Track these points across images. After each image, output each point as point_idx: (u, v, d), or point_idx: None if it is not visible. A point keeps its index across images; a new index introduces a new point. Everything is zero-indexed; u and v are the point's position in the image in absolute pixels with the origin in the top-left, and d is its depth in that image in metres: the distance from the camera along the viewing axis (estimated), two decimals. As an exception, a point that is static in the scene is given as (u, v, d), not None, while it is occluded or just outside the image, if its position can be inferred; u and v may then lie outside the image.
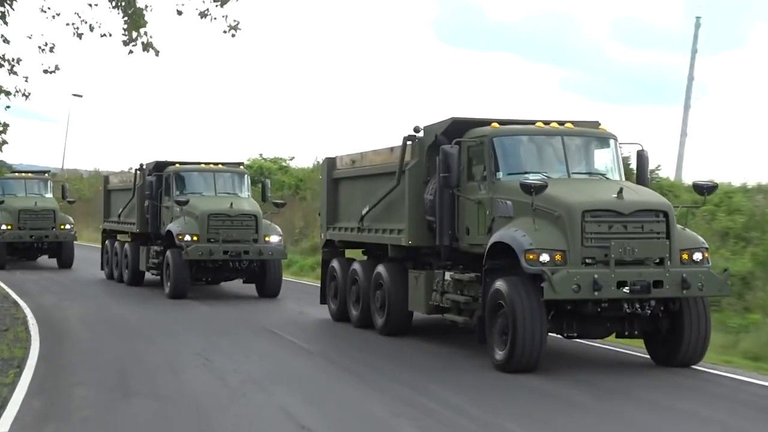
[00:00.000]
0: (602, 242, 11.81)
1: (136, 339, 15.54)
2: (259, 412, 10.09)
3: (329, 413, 10.10)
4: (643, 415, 9.90)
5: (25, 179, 33.61)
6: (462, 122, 14.06)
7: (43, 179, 34.19)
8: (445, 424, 9.46)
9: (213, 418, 9.70)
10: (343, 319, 17.26)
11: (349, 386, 11.66)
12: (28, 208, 31.26)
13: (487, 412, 10.01)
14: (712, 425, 9.59)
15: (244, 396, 10.84)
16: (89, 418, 9.78)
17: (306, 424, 9.39)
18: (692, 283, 11.83)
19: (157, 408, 10.28)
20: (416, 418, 9.75)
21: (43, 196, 32.85)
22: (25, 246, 31.63)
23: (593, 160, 13.64)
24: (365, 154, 17.04)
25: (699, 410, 10.19)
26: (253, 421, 9.65)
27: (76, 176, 60.58)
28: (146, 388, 11.35)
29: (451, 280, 13.87)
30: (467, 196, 13.43)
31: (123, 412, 10.03)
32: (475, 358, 13.16)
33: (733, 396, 11.08)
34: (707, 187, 12.94)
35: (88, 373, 12.43)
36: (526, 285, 11.92)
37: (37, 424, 9.44)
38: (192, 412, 10.04)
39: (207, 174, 23.83)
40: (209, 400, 10.54)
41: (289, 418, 9.70)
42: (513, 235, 12.12)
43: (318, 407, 10.37)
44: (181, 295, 21.88)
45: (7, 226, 30.85)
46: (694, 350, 12.43)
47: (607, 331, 12.75)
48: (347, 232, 17.30)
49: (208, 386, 11.40)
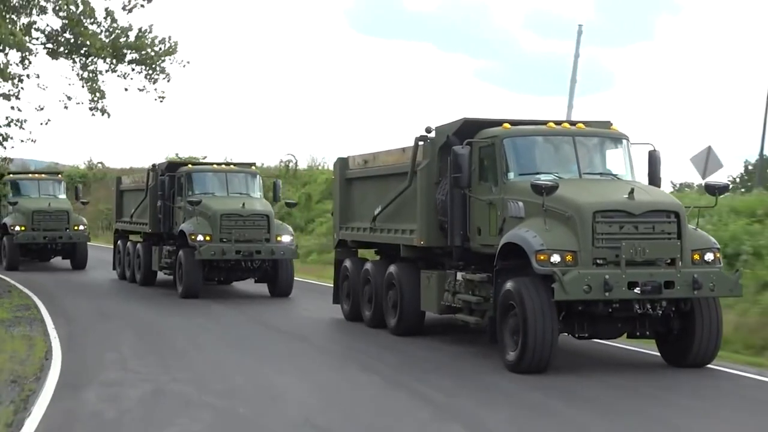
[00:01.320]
0: (613, 243, 11.82)
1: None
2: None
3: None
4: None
5: (39, 180, 33.65)
6: (473, 123, 14.11)
7: (56, 180, 34.25)
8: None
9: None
10: (356, 319, 17.33)
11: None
12: (42, 209, 31.25)
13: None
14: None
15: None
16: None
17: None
18: (703, 283, 11.83)
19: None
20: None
21: (57, 197, 32.87)
22: (38, 247, 31.62)
23: (605, 160, 13.65)
24: (377, 154, 17.10)
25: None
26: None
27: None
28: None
29: (463, 281, 13.91)
30: (478, 197, 13.46)
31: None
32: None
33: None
34: (719, 187, 12.94)
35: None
36: (537, 285, 11.95)
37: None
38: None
39: (219, 174, 23.95)
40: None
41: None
42: (524, 235, 12.15)
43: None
44: (193, 294, 21.99)
45: (21, 228, 30.82)
46: (706, 350, 12.43)
47: (619, 332, 12.76)
48: (360, 232, 17.37)
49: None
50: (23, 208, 31.31)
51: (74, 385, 11.44)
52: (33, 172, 36.68)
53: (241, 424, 9.64)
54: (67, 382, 11.58)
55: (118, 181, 30.23)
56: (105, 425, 9.56)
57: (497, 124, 13.73)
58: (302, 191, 38.94)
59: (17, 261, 31.13)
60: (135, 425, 9.56)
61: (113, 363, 13.18)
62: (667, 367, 12.62)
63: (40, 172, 36.47)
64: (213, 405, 10.39)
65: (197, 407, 10.28)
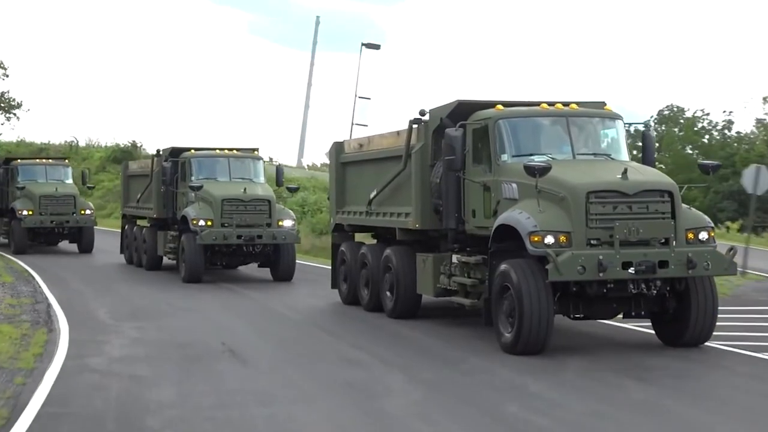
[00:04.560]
0: (607, 223, 11.79)
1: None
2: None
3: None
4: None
5: (46, 165, 34.08)
6: (467, 105, 14.06)
7: (63, 165, 34.63)
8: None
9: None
10: (353, 303, 17.34)
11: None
12: (49, 194, 31.66)
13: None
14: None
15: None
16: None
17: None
18: (698, 262, 11.79)
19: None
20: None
21: (64, 181, 33.22)
22: (45, 231, 32.07)
23: (598, 140, 13.58)
24: (372, 137, 17.08)
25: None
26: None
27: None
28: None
29: (458, 263, 13.91)
30: (473, 179, 13.43)
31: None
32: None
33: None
34: (712, 166, 12.88)
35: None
36: (532, 267, 11.94)
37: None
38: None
39: (221, 159, 23.96)
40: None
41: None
42: (518, 217, 12.13)
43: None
44: (195, 279, 22.08)
45: (29, 212, 31.29)
46: (702, 329, 12.42)
47: (614, 312, 12.76)
48: (356, 216, 17.35)
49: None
50: (30, 193, 31.75)
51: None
52: (40, 158, 37.21)
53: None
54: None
55: (125, 167, 30.40)
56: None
57: (491, 105, 13.69)
58: (82, 165, 48.06)
59: (25, 244, 31.62)
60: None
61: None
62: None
63: (47, 158, 36.94)
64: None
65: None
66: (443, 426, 8.86)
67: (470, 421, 9.00)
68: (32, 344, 13.30)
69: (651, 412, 9.26)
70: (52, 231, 32.12)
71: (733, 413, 9.32)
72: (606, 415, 9.12)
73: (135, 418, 9.24)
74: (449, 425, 8.86)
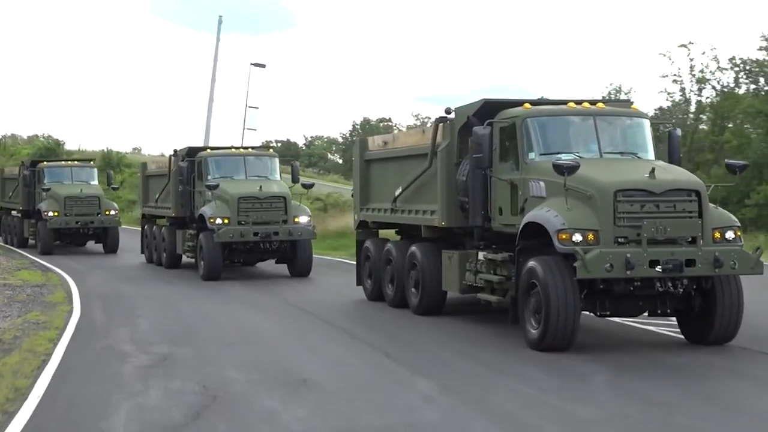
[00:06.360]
0: (634, 221, 11.87)
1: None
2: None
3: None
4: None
5: (72, 167, 34.55)
6: (493, 104, 14.18)
7: (88, 167, 35.06)
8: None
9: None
10: (378, 299, 17.49)
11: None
12: (74, 195, 32.03)
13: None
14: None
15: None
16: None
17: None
18: (724, 261, 11.86)
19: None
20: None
21: (89, 183, 33.62)
22: (71, 232, 32.43)
23: (625, 139, 13.67)
24: (397, 135, 17.23)
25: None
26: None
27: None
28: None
29: (485, 260, 14.01)
30: (500, 177, 13.54)
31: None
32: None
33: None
34: (739, 166, 13.00)
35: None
36: (559, 264, 12.04)
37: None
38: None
39: (237, 158, 24.24)
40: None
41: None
42: (545, 215, 12.23)
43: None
44: (214, 276, 22.26)
45: (54, 213, 31.64)
46: (727, 328, 12.48)
47: (640, 310, 12.83)
48: (381, 213, 17.49)
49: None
50: (56, 195, 32.13)
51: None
52: (66, 160, 38.05)
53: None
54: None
55: (144, 167, 30.62)
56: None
57: (518, 104, 13.80)
58: (11, 162, 53.70)
59: (51, 245, 32.01)
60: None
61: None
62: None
63: (73, 160, 37.59)
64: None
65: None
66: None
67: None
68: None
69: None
70: (77, 232, 32.52)
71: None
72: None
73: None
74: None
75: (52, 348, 12.89)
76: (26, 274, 24.73)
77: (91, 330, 14.86)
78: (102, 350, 12.96)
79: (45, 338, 13.73)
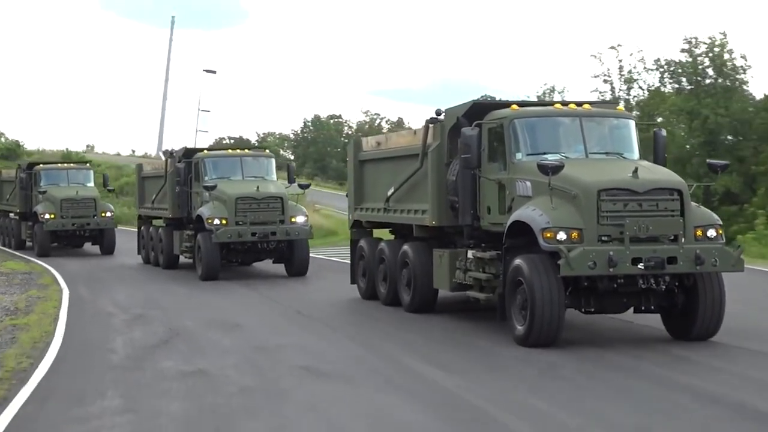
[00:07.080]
0: (618, 220, 12.14)
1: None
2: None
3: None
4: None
5: (68, 169, 34.83)
6: (483, 105, 14.50)
7: (84, 169, 35.28)
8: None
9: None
10: (372, 297, 17.77)
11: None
12: (70, 197, 32.28)
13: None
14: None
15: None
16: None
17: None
18: (706, 259, 12.13)
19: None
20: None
21: (85, 185, 33.83)
22: (67, 234, 32.68)
23: (611, 140, 13.91)
24: (389, 136, 17.51)
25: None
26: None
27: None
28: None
29: (474, 259, 14.29)
30: (488, 177, 13.81)
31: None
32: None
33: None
34: (720, 166, 13.28)
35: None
36: (544, 262, 12.30)
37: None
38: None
39: (234, 159, 24.52)
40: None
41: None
42: (531, 214, 12.52)
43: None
44: (212, 276, 22.52)
45: (51, 215, 31.90)
46: (709, 324, 12.75)
47: (624, 307, 13.10)
48: (374, 212, 17.78)
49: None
50: (52, 197, 32.36)
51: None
52: (63, 162, 38.29)
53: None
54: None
55: (140, 168, 30.87)
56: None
57: (506, 105, 14.09)
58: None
59: (48, 247, 32.28)
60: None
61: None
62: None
63: (69, 162, 37.84)
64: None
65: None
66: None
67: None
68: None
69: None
70: (74, 234, 32.75)
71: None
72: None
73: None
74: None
75: (58, 312, 17.31)
76: (12, 264, 27.97)
77: (81, 302, 18.90)
78: (94, 312, 17.57)
79: (50, 306, 18.13)
